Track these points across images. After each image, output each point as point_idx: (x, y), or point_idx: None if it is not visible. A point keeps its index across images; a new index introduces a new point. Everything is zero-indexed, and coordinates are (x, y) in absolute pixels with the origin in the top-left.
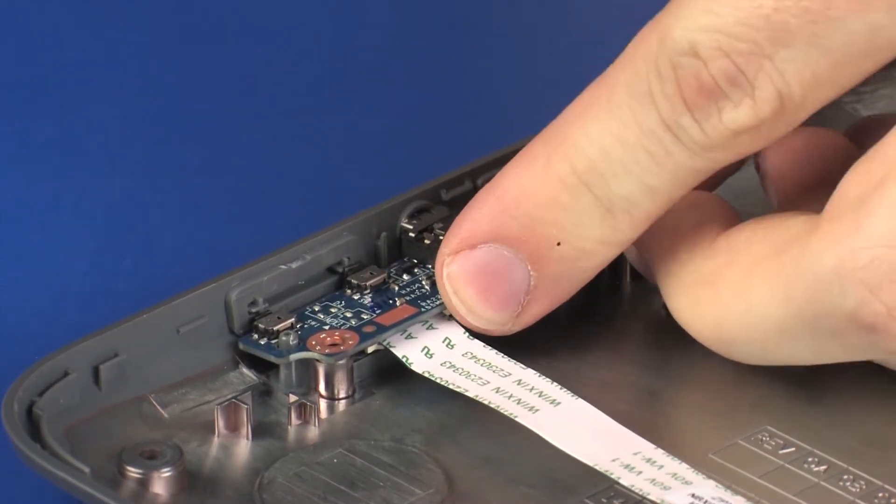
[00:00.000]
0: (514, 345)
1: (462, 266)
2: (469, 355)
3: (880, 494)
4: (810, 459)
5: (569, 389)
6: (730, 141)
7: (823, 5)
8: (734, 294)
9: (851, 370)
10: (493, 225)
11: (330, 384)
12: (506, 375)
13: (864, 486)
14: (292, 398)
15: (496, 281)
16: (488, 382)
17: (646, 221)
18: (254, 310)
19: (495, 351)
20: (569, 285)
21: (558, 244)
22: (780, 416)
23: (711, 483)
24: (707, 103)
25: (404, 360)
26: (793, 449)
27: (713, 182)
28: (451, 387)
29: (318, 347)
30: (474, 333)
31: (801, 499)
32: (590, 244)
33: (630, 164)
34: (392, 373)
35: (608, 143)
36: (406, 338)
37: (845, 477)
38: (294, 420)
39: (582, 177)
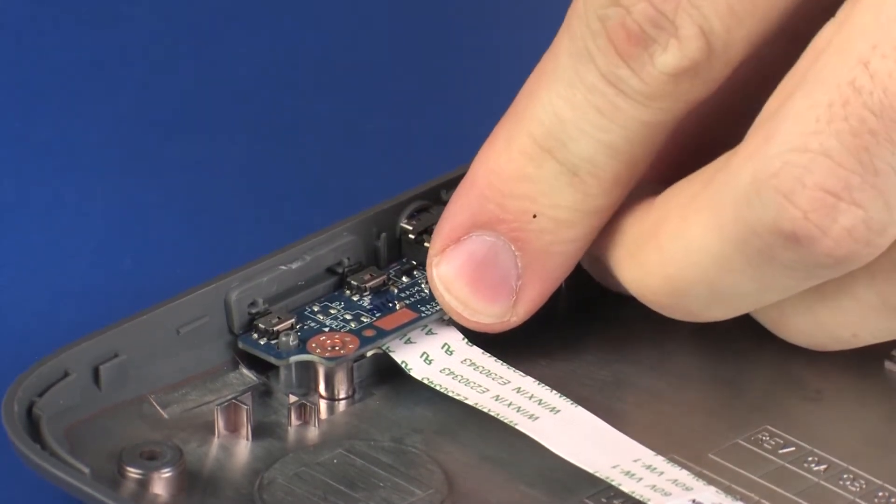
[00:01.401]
0: (514, 345)
1: (449, 262)
2: (468, 362)
3: (880, 494)
4: (810, 459)
5: (569, 389)
6: (670, 87)
7: None
8: (674, 237)
9: (851, 369)
10: (470, 212)
11: (330, 385)
12: (505, 383)
13: (863, 486)
14: (292, 399)
15: (485, 270)
16: (487, 390)
17: (615, 184)
18: (254, 310)
19: (494, 358)
20: (556, 262)
21: (534, 216)
22: (779, 415)
23: (712, 489)
24: (638, 51)
25: (403, 365)
26: (792, 448)
27: None
28: (450, 394)
29: (318, 350)
30: (473, 338)
31: (801, 498)
32: (564, 212)
33: (582, 123)
34: (392, 373)
35: (559, 107)
36: (405, 342)
37: (845, 476)
38: (294, 420)
39: (542, 144)
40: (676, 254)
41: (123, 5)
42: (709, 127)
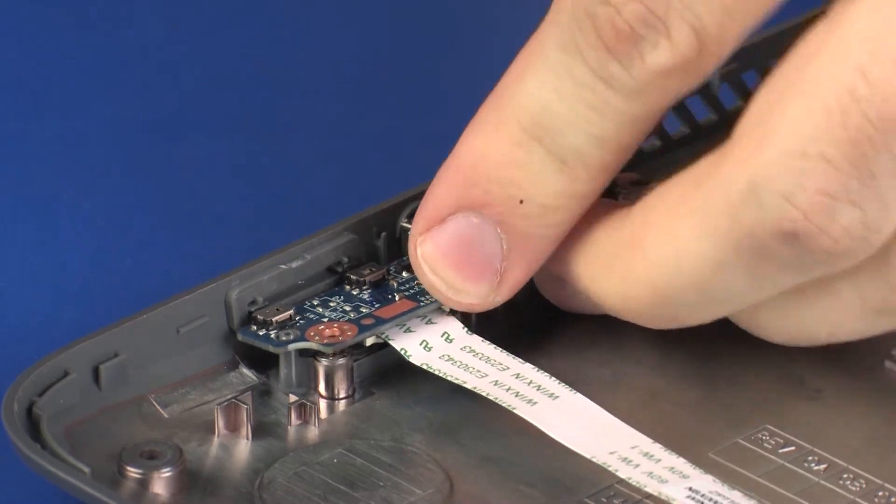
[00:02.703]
0: (515, 344)
1: (434, 242)
2: (468, 349)
3: (880, 493)
4: (810, 458)
5: (569, 388)
6: (660, 82)
7: None
8: (661, 245)
9: (851, 369)
10: (456, 194)
11: (330, 384)
12: (504, 369)
13: (863, 485)
14: (292, 398)
15: (469, 250)
16: (486, 375)
17: (602, 171)
18: (253, 309)
19: (494, 345)
20: (540, 245)
21: (521, 202)
22: (780, 415)
23: (709, 477)
24: (628, 48)
25: (403, 352)
26: (793, 448)
27: None
28: (449, 378)
29: (316, 338)
30: (472, 329)
31: (801, 498)
32: (551, 198)
33: (571, 116)
34: (392, 373)
35: (548, 98)
36: (405, 332)
37: (845, 476)
38: (294, 420)
39: (530, 133)
40: (665, 260)
41: (123, 5)
42: None
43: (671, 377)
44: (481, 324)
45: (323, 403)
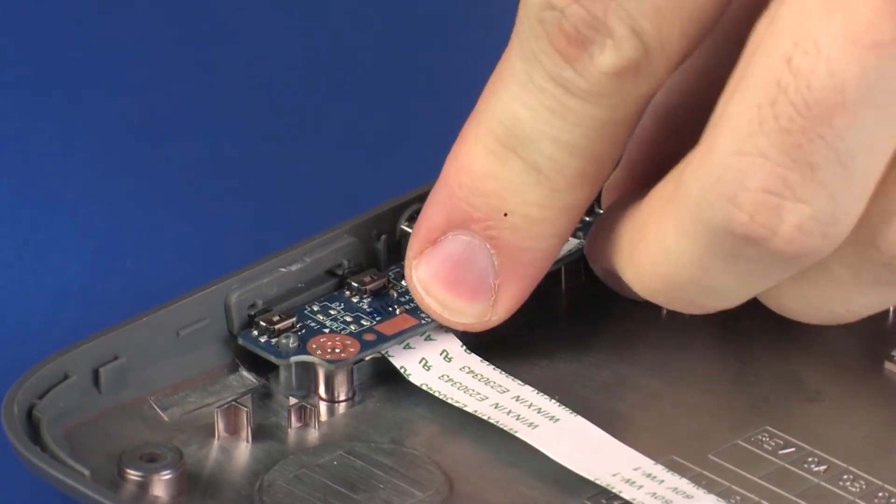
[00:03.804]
0: (515, 346)
1: (427, 264)
2: (466, 369)
3: (880, 494)
4: (810, 459)
5: (569, 390)
6: (614, 85)
7: None
8: (656, 241)
9: (851, 369)
10: (444, 212)
11: (330, 387)
12: (504, 391)
13: (864, 486)
14: (292, 401)
15: (462, 270)
16: (486, 398)
17: (581, 180)
18: (253, 312)
19: (493, 366)
20: (530, 260)
21: (505, 215)
22: (780, 416)
23: (712, 497)
24: (578, 52)
25: (402, 370)
26: (793, 449)
27: None
28: (449, 401)
29: (318, 352)
30: (472, 345)
31: (801, 499)
32: (533, 210)
33: (539, 124)
34: (392, 375)
35: (516, 108)
36: (404, 348)
37: (845, 477)
38: (294, 422)
39: (504, 143)
40: (660, 254)
41: (123, 5)
42: (688, 132)
43: (671, 378)
44: None
45: (323, 406)
